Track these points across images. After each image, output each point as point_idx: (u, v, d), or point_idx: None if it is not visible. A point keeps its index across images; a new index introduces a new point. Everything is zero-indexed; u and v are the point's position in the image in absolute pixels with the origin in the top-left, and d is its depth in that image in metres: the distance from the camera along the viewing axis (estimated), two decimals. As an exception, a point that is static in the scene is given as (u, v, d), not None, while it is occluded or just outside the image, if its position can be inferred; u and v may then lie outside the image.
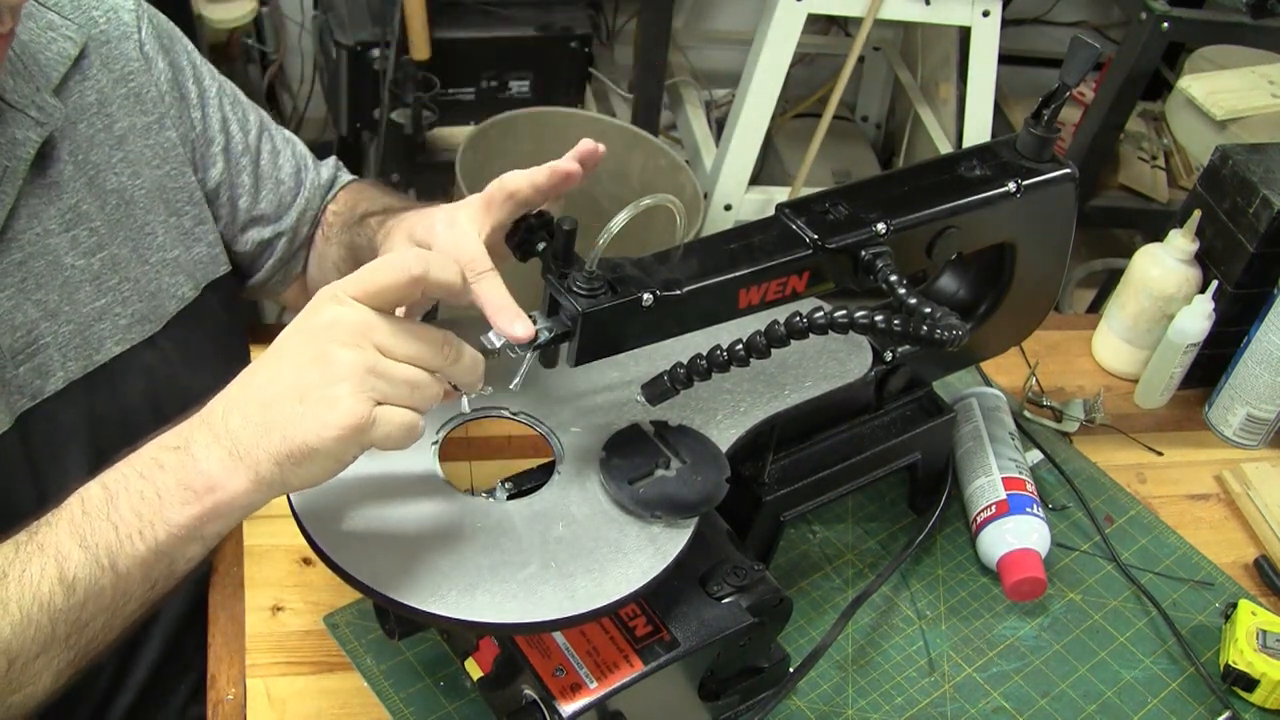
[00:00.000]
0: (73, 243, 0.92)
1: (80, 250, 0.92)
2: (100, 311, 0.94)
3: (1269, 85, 2.30)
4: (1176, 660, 1.04)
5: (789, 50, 2.23)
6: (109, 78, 0.96)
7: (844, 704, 0.97)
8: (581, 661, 0.81)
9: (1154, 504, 1.20)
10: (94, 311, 0.93)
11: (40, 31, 0.91)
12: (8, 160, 0.87)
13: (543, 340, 0.77)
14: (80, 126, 0.93)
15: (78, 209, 0.92)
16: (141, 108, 0.98)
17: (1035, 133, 0.94)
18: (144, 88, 0.98)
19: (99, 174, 0.94)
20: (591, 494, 0.84)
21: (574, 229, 0.77)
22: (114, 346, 0.95)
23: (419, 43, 2.18)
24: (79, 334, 0.92)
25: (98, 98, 0.95)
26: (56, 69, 0.91)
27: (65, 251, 0.91)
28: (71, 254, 0.92)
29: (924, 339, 0.76)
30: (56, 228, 0.91)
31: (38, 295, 0.90)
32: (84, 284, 0.93)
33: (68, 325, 0.92)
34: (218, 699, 0.91)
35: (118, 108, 0.96)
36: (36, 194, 0.90)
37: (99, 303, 0.94)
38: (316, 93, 2.76)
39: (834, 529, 1.11)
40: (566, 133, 2.24)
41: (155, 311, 0.98)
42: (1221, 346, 1.27)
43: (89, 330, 0.93)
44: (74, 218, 0.92)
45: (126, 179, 0.96)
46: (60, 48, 0.92)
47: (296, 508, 0.79)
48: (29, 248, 0.89)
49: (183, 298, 1.00)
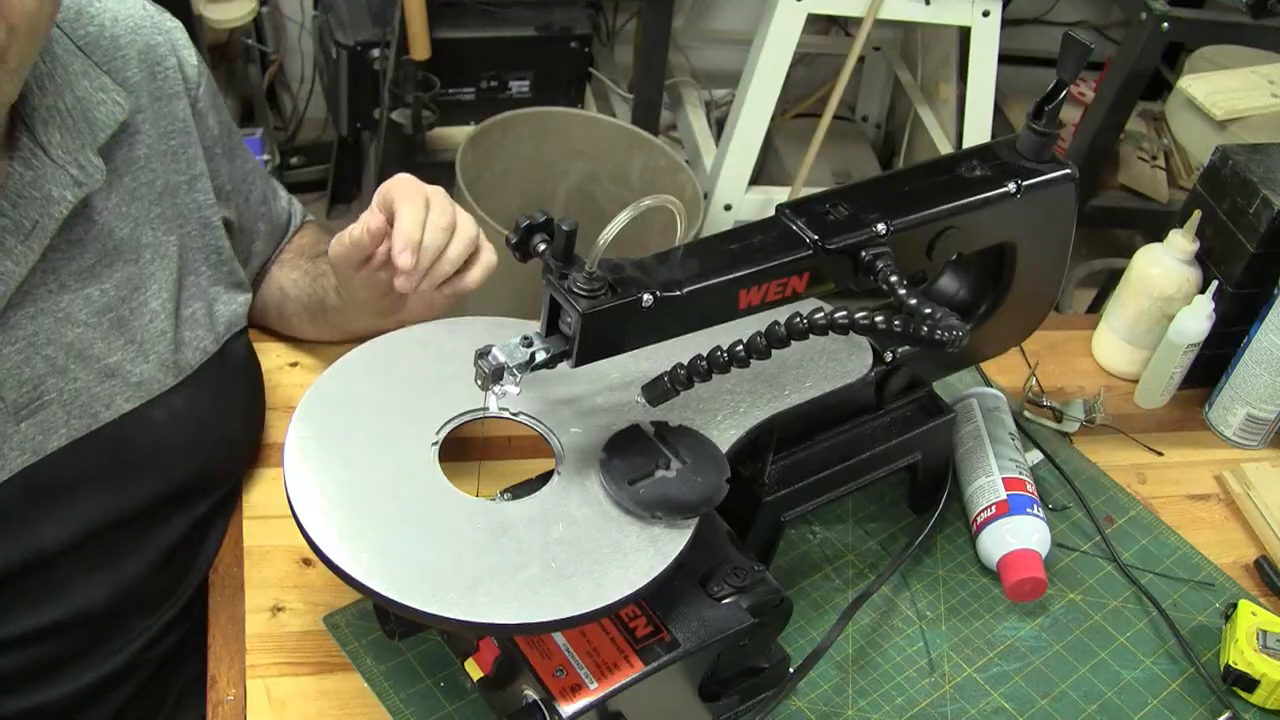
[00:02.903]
0: (86, 300, 0.92)
1: (93, 308, 0.92)
2: (110, 369, 0.93)
3: (1269, 85, 2.30)
4: (1177, 660, 1.04)
5: (789, 50, 2.23)
6: (156, 133, 0.97)
7: (844, 704, 0.97)
8: (582, 662, 0.82)
9: (1154, 504, 1.20)
10: (104, 369, 0.93)
11: (93, 91, 0.91)
12: (39, 216, 0.86)
13: (540, 360, 0.78)
14: (126, 179, 0.94)
15: (94, 269, 0.92)
16: (177, 166, 0.98)
17: (1037, 130, 0.94)
18: (184, 146, 0.99)
19: (138, 226, 0.95)
20: (592, 494, 0.84)
21: (574, 229, 0.77)
22: (124, 404, 0.94)
23: (419, 43, 2.18)
24: (86, 391, 0.91)
25: (145, 152, 0.95)
26: (105, 129, 0.91)
27: (79, 309, 0.91)
28: (85, 311, 0.91)
29: (924, 339, 0.76)
30: (73, 284, 0.91)
31: (47, 351, 0.89)
32: (95, 342, 0.92)
33: (75, 382, 0.91)
34: (218, 699, 0.91)
35: (160, 164, 0.97)
36: (59, 250, 0.90)
37: (110, 360, 0.93)
38: (316, 93, 2.76)
39: (834, 529, 1.11)
40: (566, 133, 2.24)
41: (175, 367, 0.97)
42: (1221, 346, 1.27)
43: (97, 388, 0.92)
44: (91, 276, 0.92)
45: (161, 234, 0.97)
46: (109, 111, 0.91)
47: (296, 508, 0.79)
48: (41, 303, 0.89)
49: (205, 350, 0.99)
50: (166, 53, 0.98)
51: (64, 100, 0.88)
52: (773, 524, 0.99)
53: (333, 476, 0.82)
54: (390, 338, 0.95)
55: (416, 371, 0.91)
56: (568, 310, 0.77)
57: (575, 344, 0.77)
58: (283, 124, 2.84)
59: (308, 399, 0.87)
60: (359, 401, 0.88)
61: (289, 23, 2.71)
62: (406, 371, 0.91)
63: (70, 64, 0.90)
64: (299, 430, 0.85)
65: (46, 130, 0.87)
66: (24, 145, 0.86)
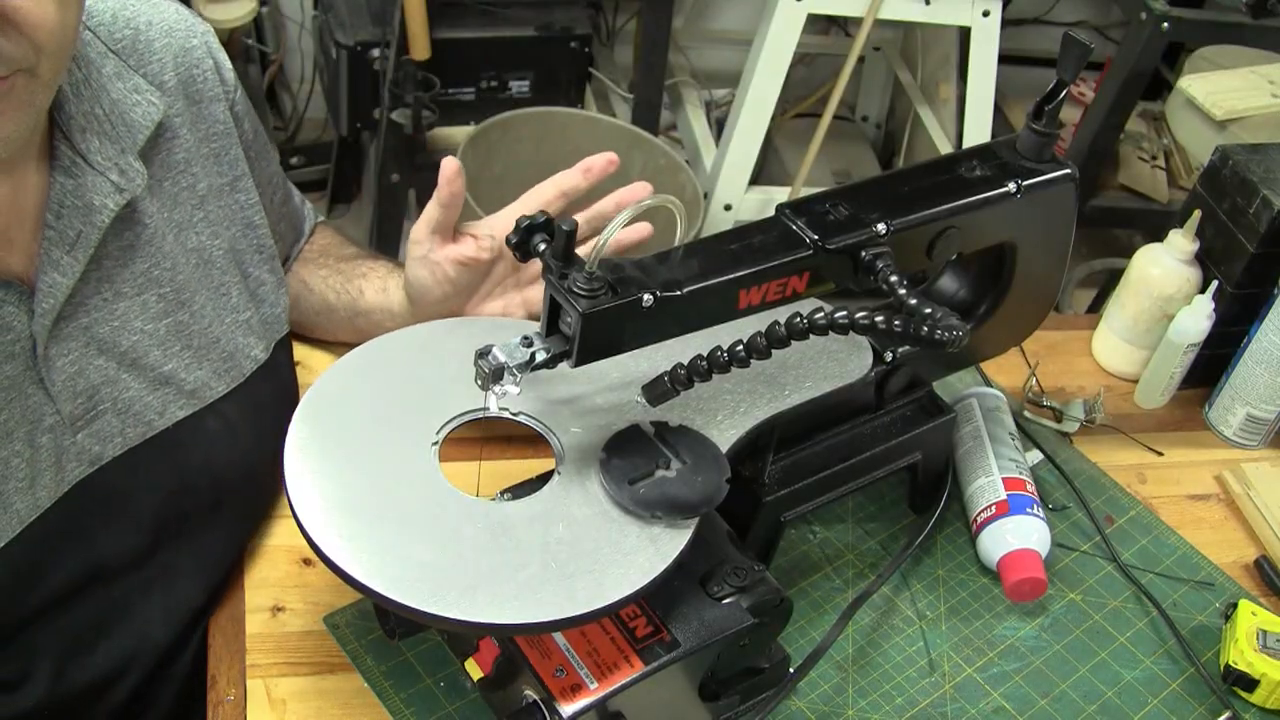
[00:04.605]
0: (143, 307, 0.91)
1: (149, 315, 0.91)
2: (165, 377, 0.92)
3: (1269, 85, 2.30)
4: (1177, 660, 1.04)
5: (789, 50, 2.23)
6: (195, 137, 0.96)
7: (844, 704, 0.97)
8: (582, 662, 0.82)
9: (1154, 504, 1.20)
10: (159, 377, 0.92)
11: (128, 93, 0.90)
12: (83, 225, 0.85)
13: (540, 360, 0.78)
14: (166, 184, 0.93)
15: (150, 273, 0.91)
16: (219, 169, 0.98)
17: (1037, 130, 0.94)
18: (225, 149, 0.98)
19: (182, 232, 0.94)
20: (592, 494, 0.84)
21: (574, 229, 0.77)
22: (178, 411, 0.93)
23: (419, 43, 2.18)
24: (140, 400, 0.91)
25: (184, 156, 0.94)
26: (143, 131, 0.90)
27: (135, 316, 0.90)
28: (140, 318, 0.91)
29: (924, 339, 0.76)
30: (129, 290, 0.90)
31: (100, 361, 0.88)
32: (151, 349, 0.91)
33: (129, 391, 0.90)
34: (218, 699, 0.91)
35: (200, 168, 0.96)
36: (112, 257, 0.88)
37: (165, 368, 0.92)
38: (316, 93, 2.76)
39: (834, 529, 1.11)
40: (566, 133, 2.24)
41: (227, 374, 0.97)
42: (1221, 346, 1.27)
43: (151, 395, 0.91)
44: (146, 282, 0.91)
45: (206, 239, 0.96)
46: (145, 112, 0.90)
47: (296, 508, 0.79)
48: (95, 312, 0.88)
49: (256, 359, 0.99)
50: (202, 56, 0.97)
51: (101, 105, 0.87)
52: (773, 524, 0.99)
53: (333, 476, 0.82)
54: (390, 338, 0.95)
55: (417, 371, 0.91)
56: (568, 310, 0.77)
57: (575, 344, 0.77)
58: (283, 124, 2.84)
59: (308, 399, 0.87)
60: (359, 402, 0.88)
61: (289, 23, 2.71)
62: (407, 372, 0.91)
63: (103, 66, 0.89)
64: (299, 430, 0.85)
65: (85, 137, 0.86)
66: (63, 154, 0.85)
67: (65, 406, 0.87)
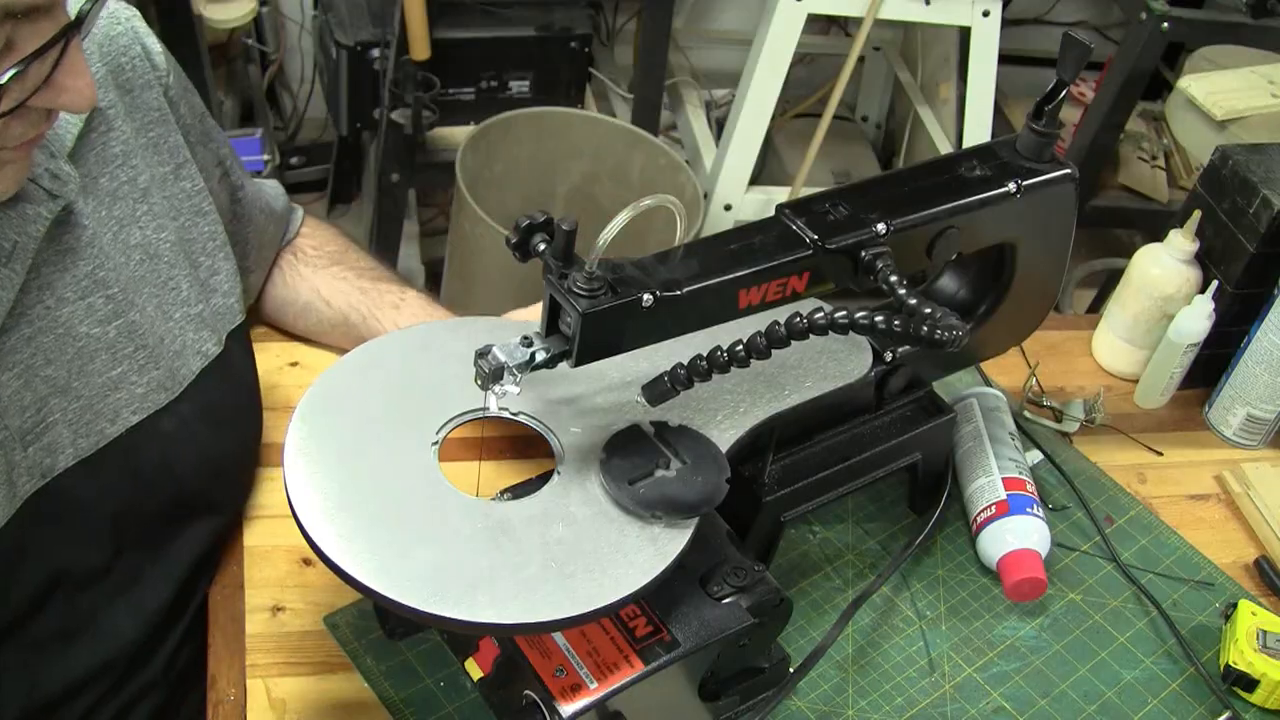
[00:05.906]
0: (88, 310, 0.87)
1: (95, 319, 0.88)
2: (115, 381, 0.89)
3: (1269, 85, 2.29)
4: (1177, 660, 1.04)
5: (789, 50, 2.23)
6: (132, 127, 0.92)
7: (844, 704, 0.97)
8: (582, 662, 0.82)
9: (1154, 504, 1.20)
10: (108, 382, 0.89)
11: None
12: (18, 235, 0.82)
13: (540, 360, 0.78)
14: (103, 180, 0.89)
15: (94, 275, 0.88)
16: (159, 158, 0.94)
17: (1037, 130, 0.94)
18: (163, 137, 0.95)
19: (124, 229, 0.91)
20: (591, 494, 0.84)
21: (574, 229, 0.77)
22: (131, 416, 0.90)
23: (419, 43, 2.18)
24: (90, 408, 0.88)
25: (122, 149, 0.91)
26: (70, 131, 0.86)
27: (79, 321, 0.87)
28: (86, 323, 0.87)
29: (924, 339, 0.76)
30: (71, 296, 0.86)
31: (47, 371, 0.85)
32: (99, 353, 0.88)
33: (79, 400, 0.87)
34: (218, 699, 0.91)
35: (140, 159, 0.92)
36: (50, 263, 0.85)
37: (114, 372, 0.89)
38: (316, 93, 2.76)
39: (834, 529, 1.11)
40: (566, 133, 2.25)
41: (178, 373, 0.94)
42: (1221, 346, 1.27)
43: (102, 403, 0.89)
44: (90, 284, 0.88)
45: (151, 232, 0.93)
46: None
47: (296, 508, 0.79)
48: (38, 321, 0.85)
49: (207, 354, 0.96)
50: (129, 43, 0.92)
51: None
52: (773, 524, 0.99)
53: (333, 476, 0.82)
54: (390, 338, 0.95)
55: (416, 371, 0.91)
56: (568, 310, 0.77)
57: (575, 344, 0.77)
58: (283, 124, 2.84)
59: (308, 399, 0.87)
60: (359, 401, 0.88)
61: (289, 23, 2.71)
62: (406, 371, 0.91)
63: None
64: (299, 430, 0.84)
65: None
66: None
67: (13, 421, 0.84)
